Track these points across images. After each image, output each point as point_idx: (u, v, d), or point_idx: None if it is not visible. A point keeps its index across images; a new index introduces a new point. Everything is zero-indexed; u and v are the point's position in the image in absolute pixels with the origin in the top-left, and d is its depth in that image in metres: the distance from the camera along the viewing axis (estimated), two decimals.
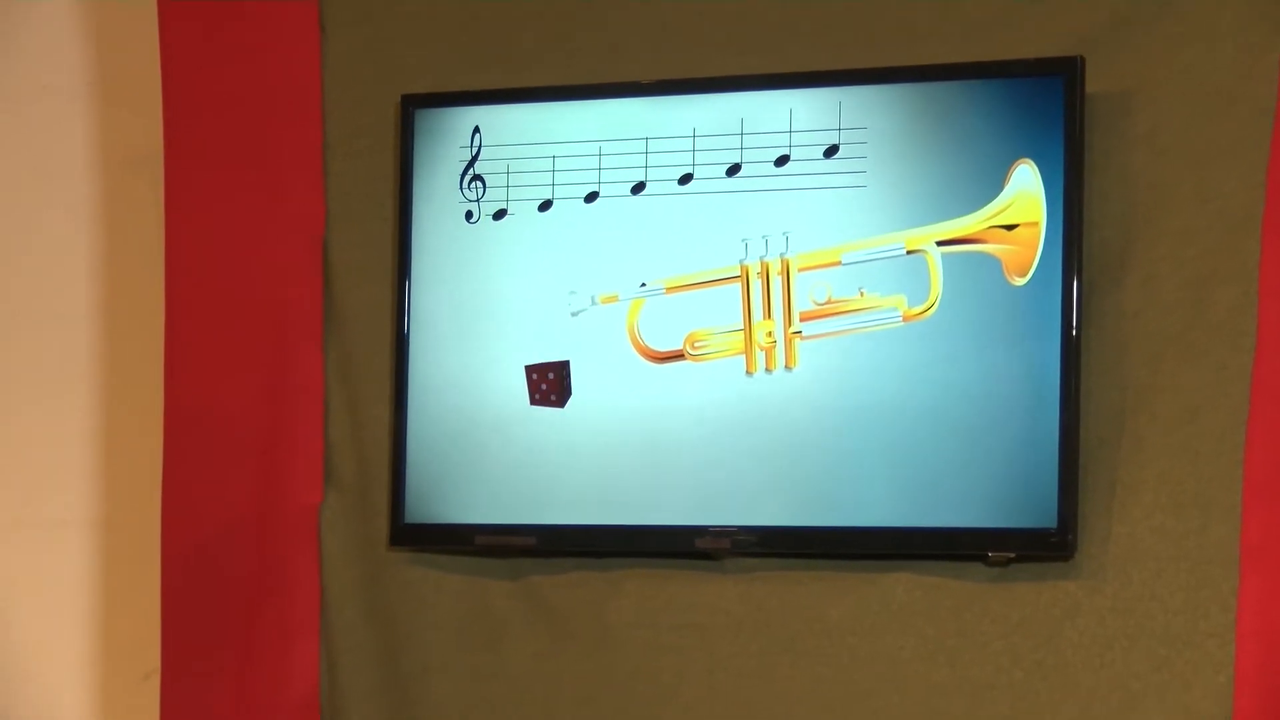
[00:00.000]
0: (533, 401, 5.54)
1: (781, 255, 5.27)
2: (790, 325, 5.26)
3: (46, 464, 6.94)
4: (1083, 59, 5.02)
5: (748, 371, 5.29)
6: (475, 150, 5.61)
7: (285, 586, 5.87)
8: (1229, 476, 4.92)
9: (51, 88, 6.97)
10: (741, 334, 5.31)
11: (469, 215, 5.61)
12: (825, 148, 5.23)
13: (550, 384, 5.53)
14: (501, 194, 5.59)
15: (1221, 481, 4.93)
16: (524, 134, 5.57)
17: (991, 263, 5.08)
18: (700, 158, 5.37)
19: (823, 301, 5.22)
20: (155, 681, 6.03)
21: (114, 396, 6.84)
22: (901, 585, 5.18)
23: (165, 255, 6.07)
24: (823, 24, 5.40)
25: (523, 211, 5.56)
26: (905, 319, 5.14)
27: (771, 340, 5.27)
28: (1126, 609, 4.99)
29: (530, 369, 5.55)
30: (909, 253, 5.15)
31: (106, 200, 6.86)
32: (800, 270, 5.25)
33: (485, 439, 5.60)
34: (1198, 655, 4.92)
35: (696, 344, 5.36)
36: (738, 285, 5.31)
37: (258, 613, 5.89)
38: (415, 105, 5.68)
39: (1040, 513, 4.99)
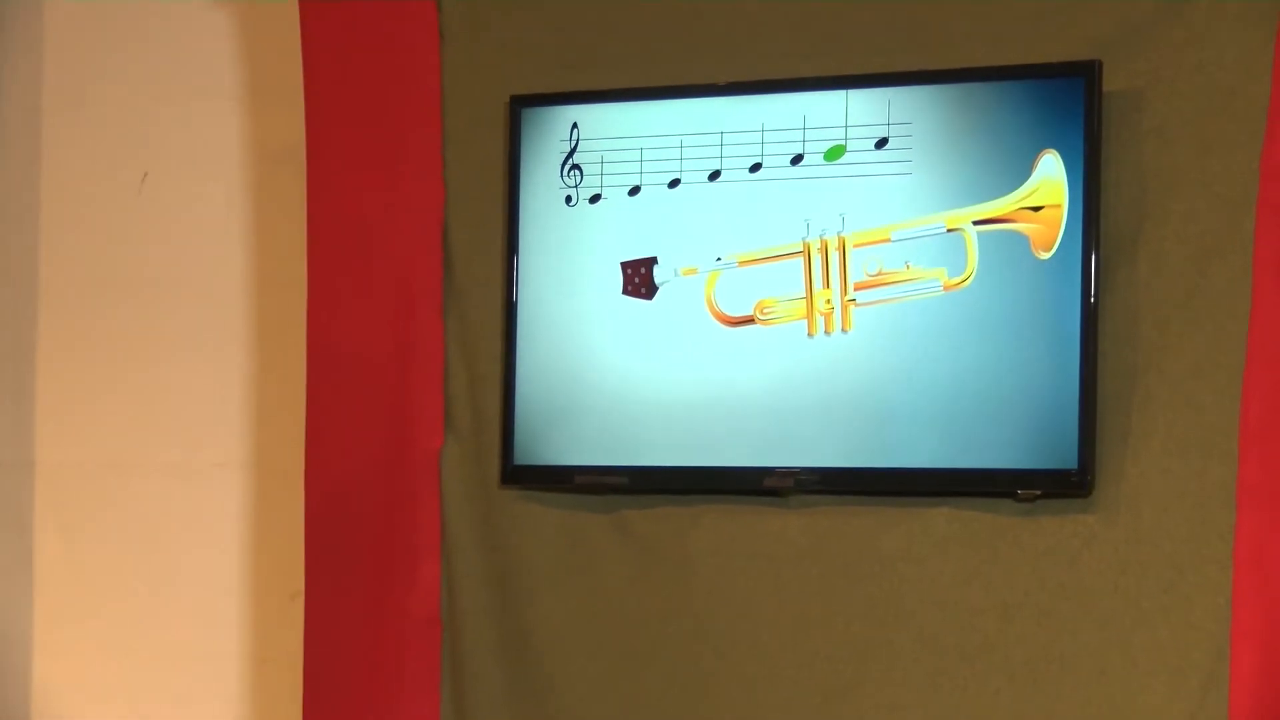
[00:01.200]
0: (624, 292, 5.77)
1: (838, 233, 5.45)
2: (846, 294, 5.45)
3: (207, 416, 7.14)
4: (1100, 62, 5.19)
5: (809, 334, 5.49)
6: (573, 143, 5.79)
7: (411, 519, 6.05)
8: (1227, 425, 5.09)
9: (209, 90, 7.13)
10: (803, 301, 5.50)
11: (568, 199, 5.80)
12: (876, 140, 5.43)
13: (642, 277, 5.74)
14: (596, 181, 5.77)
15: (1221, 430, 5.11)
16: (615, 129, 5.75)
17: (1020, 240, 5.26)
18: (768, 149, 5.55)
19: (874, 273, 5.41)
20: (300, 601, 6.23)
21: (264, 357, 7.04)
22: (942, 518, 5.39)
23: (307, 235, 6.27)
24: (873, 30, 5.54)
25: (615, 196, 5.75)
26: (946, 288, 5.34)
27: (830, 307, 5.47)
28: (1137, 539, 5.19)
29: (625, 264, 5.79)
30: (949, 231, 5.33)
31: (257, 189, 7.06)
32: (854, 246, 5.43)
33: (583, 393, 5.79)
34: (1199, 579, 5.10)
35: (764, 310, 5.55)
36: (800, 259, 5.50)
37: (387, 541, 6.09)
38: (522, 105, 5.85)
39: (1062, 456, 5.19)
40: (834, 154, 5.53)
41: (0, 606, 7.40)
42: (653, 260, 5.73)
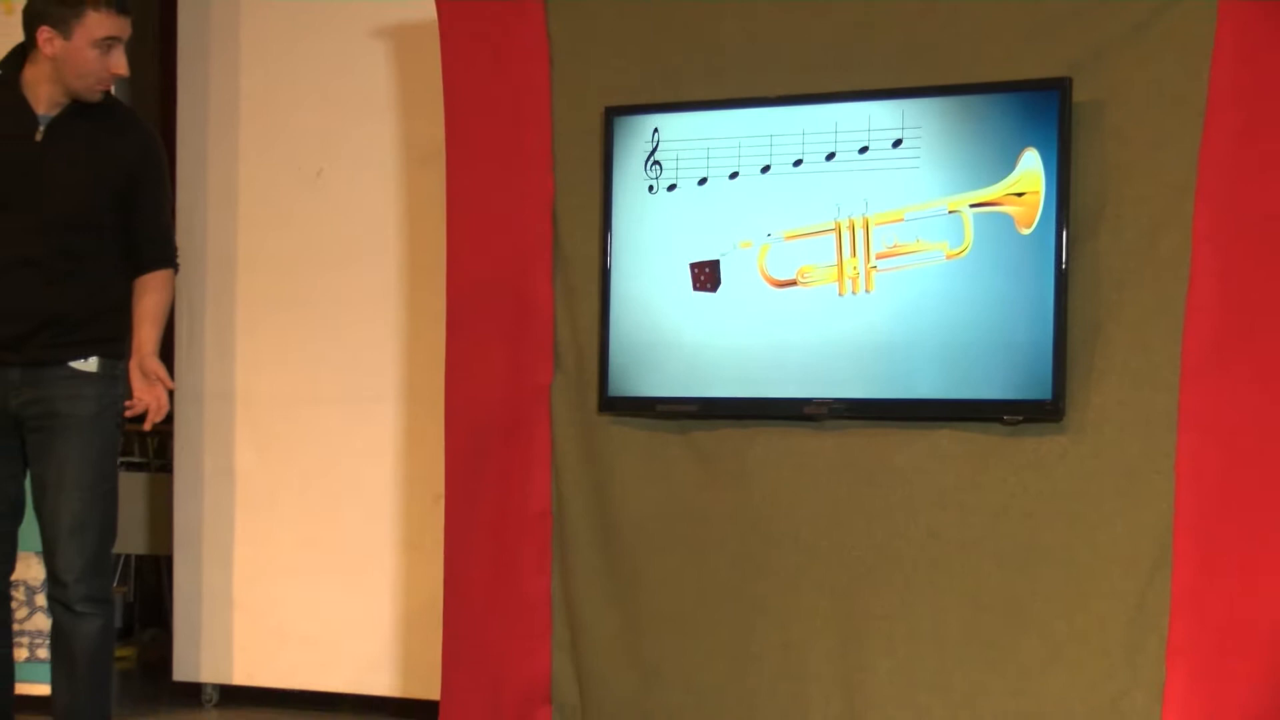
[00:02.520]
0: (694, 288, 5.76)
1: (863, 214, 5.45)
2: (869, 262, 5.45)
3: (369, 360, 7.21)
4: (1071, 79, 5.21)
5: (839, 294, 5.50)
6: (654, 144, 5.77)
7: (527, 438, 6.07)
8: (1171, 364, 5.09)
9: (370, 104, 7.19)
10: (835, 268, 5.50)
11: (650, 188, 5.79)
12: (893, 140, 5.42)
13: (707, 275, 5.71)
14: (672, 174, 5.76)
15: (1166, 368, 5.11)
16: (687, 132, 5.74)
17: (1007, 219, 5.27)
18: (808, 148, 5.54)
19: (891, 246, 5.41)
20: (441, 502, 6.25)
21: (413, 313, 7.09)
22: (945, 438, 5.41)
23: (447, 217, 6.24)
24: (891, 53, 5.52)
25: (687, 186, 5.73)
26: (948, 257, 5.35)
27: (856, 272, 5.47)
28: (1099, 455, 5.21)
29: (693, 265, 5.75)
30: (950, 212, 5.34)
31: (408, 181, 7.12)
32: (875, 225, 5.43)
33: (661, 340, 5.78)
34: (1148, 486, 5.11)
35: (804, 275, 5.54)
36: (833, 235, 5.50)
37: (509, 456, 6.08)
38: (614, 114, 5.86)
39: (1039, 388, 5.21)
40: (859, 152, 5.51)
41: (209, 504, 7.46)
42: (716, 262, 5.74)
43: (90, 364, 5.41)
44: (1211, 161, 5.12)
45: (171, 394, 6.24)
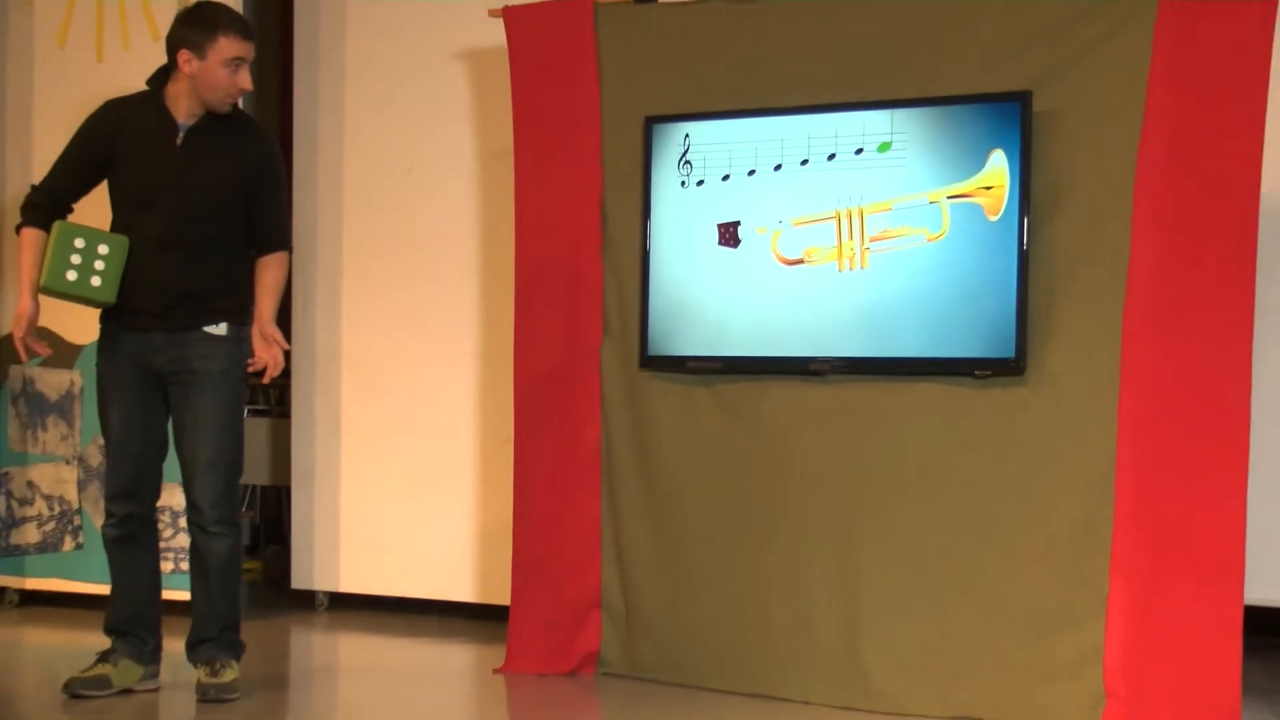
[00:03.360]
0: (719, 243, 5.75)
1: (858, 205, 5.47)
2: (863, 244, 5.47)
3: (453, 324, 7.24)
4: (1031, 92, 5.22)
5: (839, 270, 5.52)
6: (685, 147, 5.79)
7: (581, 391, 6.09)
8: (1113, 329, 5.12)
9: (451, 114, 7.21)
10: (836, 249, 5.52)
11: (682, 184, 5.81)
12: (884, 143, 5.44)
13: (730, 233, 5.71)
14: (700, 171, 5.77)
15: (1109, 332, 5.14)
16: (713, 137, 5.76)
17: (978, 209, 5.29)
18: (813, 150, 5.56)
19: (881, 231, 5.44)
20: (510, 444, 6.27)
21: (488, 286, 7.12)
22: (927, 390, 5.44)
23: (515, 207, 6.26)
24: (882, 70, 5.52)
25: (712, 181, 5.75)
26: (928, 240, 5.37)
27: (852, 253, 5.49)
28: (1054, 403, 5.24)
29: (719, 225, 5.76)
30: (930, 203, 5.37)
31: (482, 177, 7.13)
32: (869, 214, 5.46)
33: (691, 309, 5.79)
34: (1094, 430, 5.15)
35: (810, 255, 5.57)
36: (833, 222, 5.52)
37: (566, 405, 6.11)
38: (653, 121, 5.86)
39: (1005, 348, 5.23)
40: (855, 154, 5.52)
41: (320, 443, 7.53)
42: (738, 223, 5.72)
43: (220, 329, 5.47)
44: (1147, 163, 5.14)
45: (287, 354, 6.29)
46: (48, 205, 5.53)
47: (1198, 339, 5.10)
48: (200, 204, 5.48)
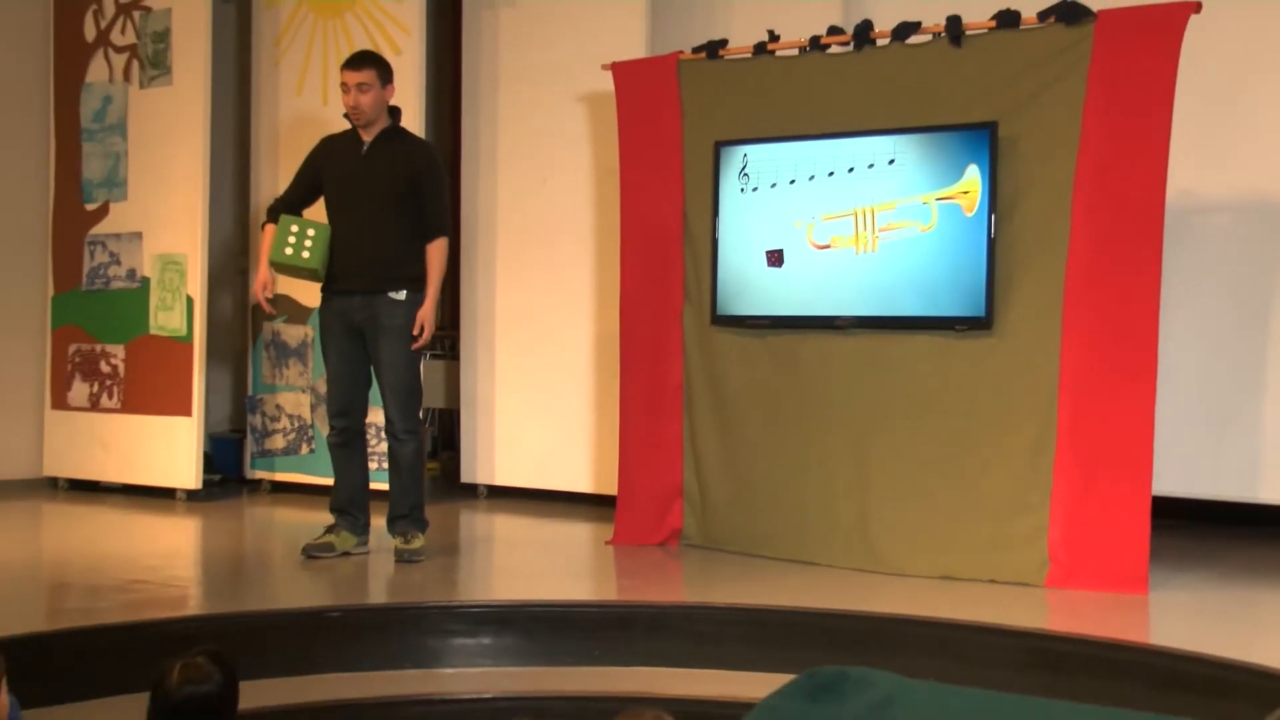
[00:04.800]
0: (768, 265, 5.75)
1: (870, 205, 5.48)
2: (874, 234, 5.48)
3: (572, 292, 7.11)
4: (997, 122, 5.22)
5: (856, 253, 5.53)
6: (744, 163, 5.78)
7: (669, 341, 6.07)
8: (1057, 296, 5.15)
9: (576, 137, 7.10)
10: (854, 237, 5.53)
11: (741, 190, 5.79)
12: (888, 160, 5.45)
13: (775, 258, 5.71)
14: (755, 181, 5.76)
15: (1053, 298, 5.16)
16: (766, 156, 5.74)
17: (957, 207, 5.30)
18: (837, 165, 5.56)
19: (887, 224, 5.45)
20: (617, 377, 6.28)
21: (599, 263, 6.99)
22: (920, 340, 5.44)
23: (620, 210, 6.29)
24: (888, 106, 5.50)
25: (764, 189, 5.73)
26: (921, 231, 5.38)
27: (866, 240, 5.50)
28: (1013, 349, 5.25)
29: (768, 252, 5.73)
30: (923, 203, 5.37)
31: (598, 187, 7.00)
32: (878, 211, 5.46)
33: (748, 281, 5.79)
34: (1043, 368, 5.18)
35: (835, 242, 5.58)
36: (852, 218, 5.52)
37: (657, 352, 6.09)
38: (720, 145, 5.85)
39: (978, 309, 5.25)
40: (868, 168, 5.51)
41: (480, 377, 7.49)
42: (781, 250, 5.72)
43: (400, 294, 5.53)
44: (1082, 174, 5.15)
45: (456, 312, 6.36)
46: (281, 208, 5.73)
47: (1119, 301, 5.12)
48: (379, 200, 5.56)
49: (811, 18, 6.15)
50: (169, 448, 7.49)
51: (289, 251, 5.57)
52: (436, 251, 5.62)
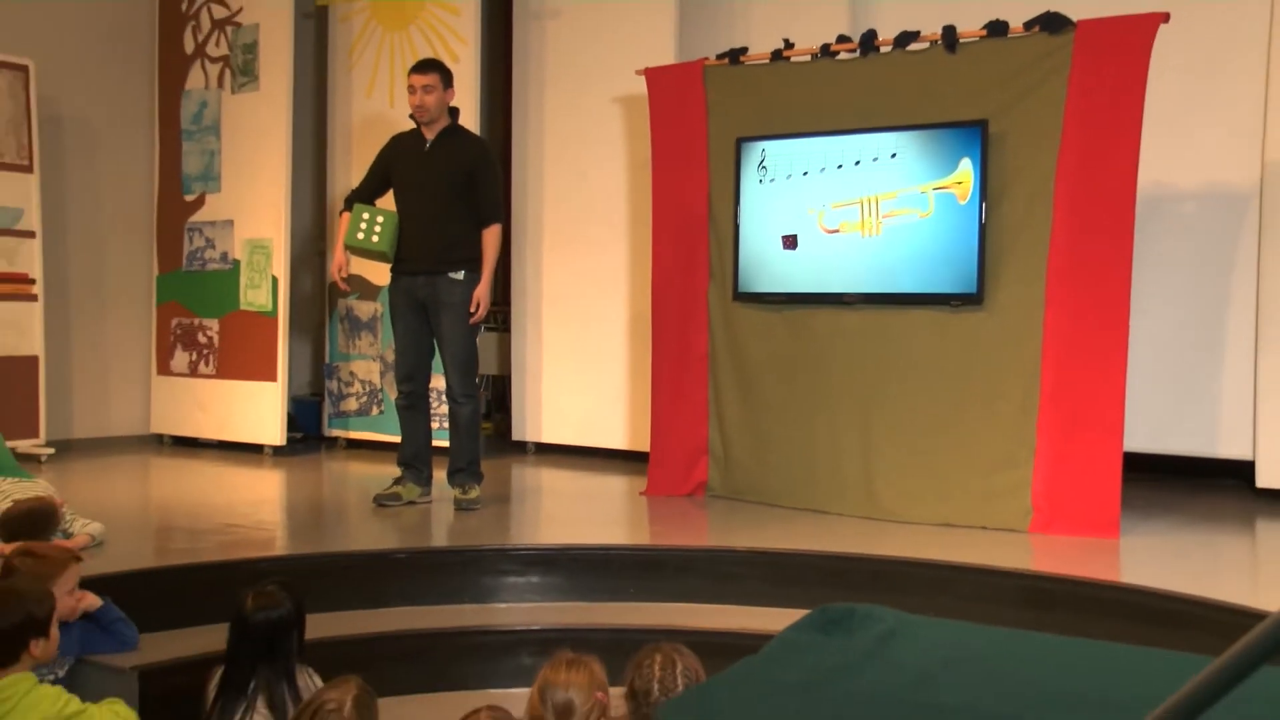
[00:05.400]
0: (784, 247, 5.70)
1: (875, 194, 5.44)
2: (878, 220, 5.45)
3: (609, 271, 7.09)
4: (988, 120, 5.20)
5: (862, 236, 5.49)
6: (762, 157, 5.74)
7: (695, 314, 6.01)
8: (1040, 275, 5.12)
9: (613, 135, 7.09)
10: (860, 222, 5.49)
11: (760, 180, 5.75)
12: (891, 153, 5.41)
13: (790, 241, 5.66)
14: (772, 172, 5.72)
15: (1037, 276, 5.13)
16: (782, 150, 5.70)
17: (952, 196, 5.26)
18: (845, 158, 5.52)
19: (889, 211, 5.41)
20: (649, 350, 6.18)
21: (633, 246, 6.93)
22: (918, 314, 5.41)
23: (652, 198, 6.21)
24: (891, 105, 5.45)
25: (780, 179, 5.70)
26: (920, 217, 5.35)
27: (871, 225, 5.46)
28: (1001, 323, 5.23)
29: (784, 236, 5.69)
30: (922, 192, 5.33)
31: (633, 178, 6.96)
32: (881, 200, 5.42)
33: (766, 262, 5.74)
34: (1028, 339, 5.16)
35: (844, 227, 5.54)
36: (859, 205, 5.48)
37: (685, 325, 6.03)
38: (742, 141, 5.82)
39: (970, 286, 5.22)
40: (873, 161, 5.48)
41: (529, 347, 7.49)
42: (796, 235, 5.68)
43: (459, 275, 5.53)
44: (1063, 166, 5.13)
45: (508, 289, 6.38)
46: (355, 198, 5.76)
47: (1095, 279, 5.09)
48: (440, 191, 5.56)
49: (822, 27, 6.17)
50: (257, 409, 7.54)
51: (361, 236, 5.59)
52: (491, 237, 5.60)
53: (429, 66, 5.61)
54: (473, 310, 5.54)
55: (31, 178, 7.21)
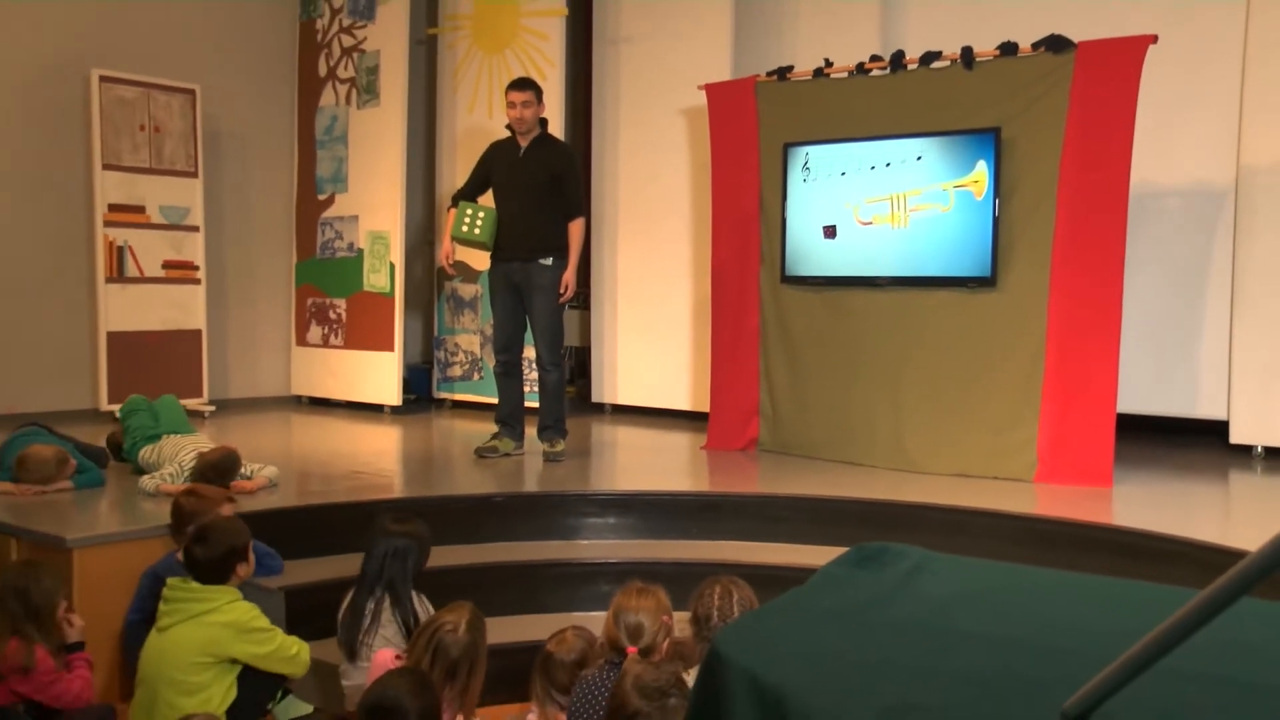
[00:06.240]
0: (824, 237, 5.66)
1: (903, 191, 5.38)
2: (906, 213, 5.39)
3: (674, 258, 7.06)
4: (1000, 127, 5.14)
5: (892, 228, 5.44)
6: (806, 159, 5.70)
7: (748, 295, 5.98)
8: (1045, 262, 5.05)
9: (680, 141, 7.04)
10: (890, 215, 5.44)
11: (804, 180, 5.71)
12: (918, 156, 5.36)
13: (830, 231, 5.62)
14: (815, 174, 5.68)
15: (1042, 263, 5.06)
16: (823, 154, 5.65)
17: (969, 193, 5.20)
18: (877, 160, 5.47)
19: (915, 206, 5.36)
20: (709, 325, 6.19)
21: (696, 238, 6.93)
22: (940, 294, 5.36)
23: (711, 195, 6.17)
24: (917, 114, 5.40)
25: (823, 179, 5.65)
26: (942, 211, 5.29)
27: (900, 218, 5.41)
28: (1011, 303, 5.16)
29: (824, 227, 5.64)
30: (943, 189, 5.27)
31: (695, 178, 6.93)
32: (909, 196, 5.37)
33: (809, 249, 5.71)
34: (1034, 317, 5.10)
35: (876, 219, 5.49)
36: (889, 201, 5.43)
37: (739, 303, 6.01)
38: (788, 146, 5.78)
39: (984, 270, 5.17)
40: (901, 163, 5.41)
41: (606, 321, 7.46)
42: (835, 225, 5.63)
43: (548, 261, 5.50)
44: (1065, 167, 5.05)
45: (588, 273, 6.36)
46: (460, 196, 5.75)
47: (1093, 265, 5.03)
48: (530, 190, 5.54)
49: (857, 48, 6.18)
50: (377, 374, 7.60)
51: (465, 229, 5.61)
52: (576, 228, 5.57)
53: (526, 85, 5.58)
54: (562, 291, 5.54)
55: (196, 182, 7.37)
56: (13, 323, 6.80)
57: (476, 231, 5.59)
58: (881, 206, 5.52)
